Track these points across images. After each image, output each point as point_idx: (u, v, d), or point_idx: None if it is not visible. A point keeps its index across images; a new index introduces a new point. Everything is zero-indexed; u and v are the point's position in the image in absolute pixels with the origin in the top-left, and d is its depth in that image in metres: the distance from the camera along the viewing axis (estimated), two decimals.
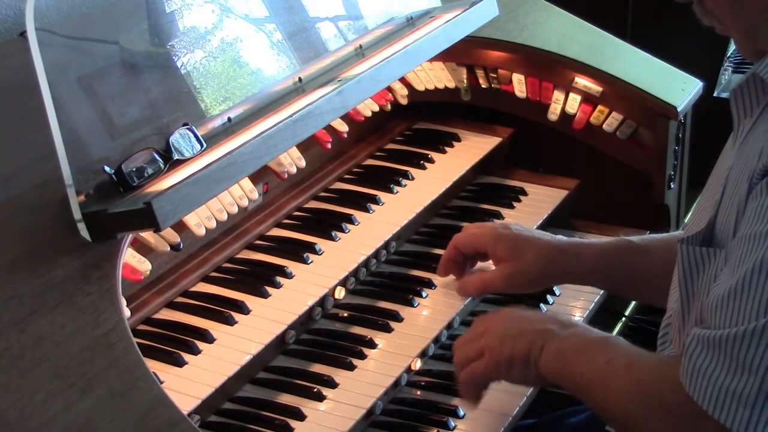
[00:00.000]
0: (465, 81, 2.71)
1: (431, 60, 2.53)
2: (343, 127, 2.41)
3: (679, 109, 2.55)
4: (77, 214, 1.60)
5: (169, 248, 1.90)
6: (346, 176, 2.48)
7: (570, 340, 1.72)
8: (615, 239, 2.07)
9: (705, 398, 1.43)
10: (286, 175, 2.22)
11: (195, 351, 1.83)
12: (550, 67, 2.63)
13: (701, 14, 1.57)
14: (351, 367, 1.93)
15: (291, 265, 2.09)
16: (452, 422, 1.88)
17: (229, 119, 1.92)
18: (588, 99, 2.62)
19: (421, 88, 2.68)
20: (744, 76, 1.58)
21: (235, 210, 2.05)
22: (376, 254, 2.21)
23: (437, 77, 2.69)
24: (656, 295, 2.02)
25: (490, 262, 2.08)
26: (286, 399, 1.87)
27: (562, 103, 2.63)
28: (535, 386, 1.81)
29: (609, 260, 2.04)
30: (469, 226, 2.15)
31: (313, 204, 2.36)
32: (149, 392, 1.49)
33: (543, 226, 2.44)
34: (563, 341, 1.72)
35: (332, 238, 2.20)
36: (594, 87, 2.60)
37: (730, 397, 1.41)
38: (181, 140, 1.77)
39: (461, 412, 1.91)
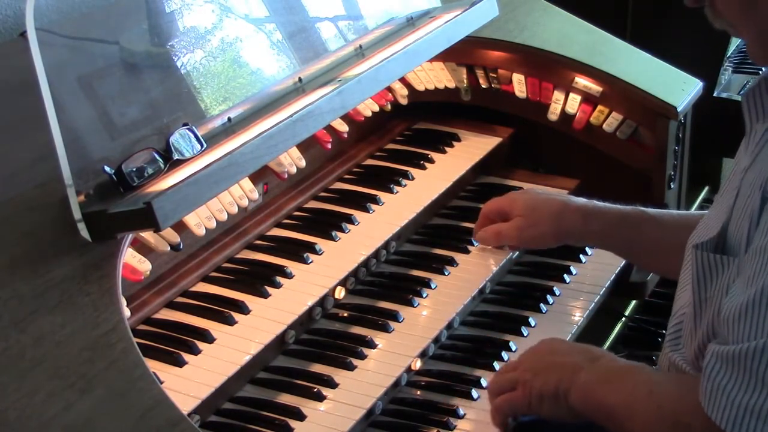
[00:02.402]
0: (465, 81, 2.71)
1: (431, 60, 2.53)
2: (343, 127, 2.41)
3: (679, 109, 2.55)
4: (77, 214, 1.60)
5: (169, 248, 1.90)
6: (346, 176, 2.48)
7: (596, 372, 1.73)
8: (630, 207, 2.14)
9: (723, 417, 1.43)
10: (286, 175, 2.22)
11: (195, 351, 1.83)
12: (550, 67, 2.63)
13: (712, 18, 1.56)
14: (351, 367, 1.93)
15: (291, 265, 2.09)
16: (452, 422, 1.88)
17: (229, 119, 1.92)
18: (588, 99, 2.62)
19: (421, 88, 2.68)
20: (756, 80, 1.57)
21: (235, 210, 2.05)
22: (376, 254, 2.21)
23: (437, 77, 2.69)
24: (663, 267, 2.11)
25: None
26: (286, 399, 1.87)
27: (562, 103, 2.63)
28: (569, 420, 1.79)
29: (619, 225, 2.11)
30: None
31: (313, 204, 2.36)
32: (149, 392, 1.49)
33: None
34: (590, 373, 1.73)
35: (332, 238, 2.20)
36: (594, 87, 2.59)
37: (749, 414, 1.40)
38: (181, 140, 1.77)
39: (461, 412, 1.91)
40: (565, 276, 2.36)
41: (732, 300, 1.47)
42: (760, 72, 1.61)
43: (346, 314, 2.10)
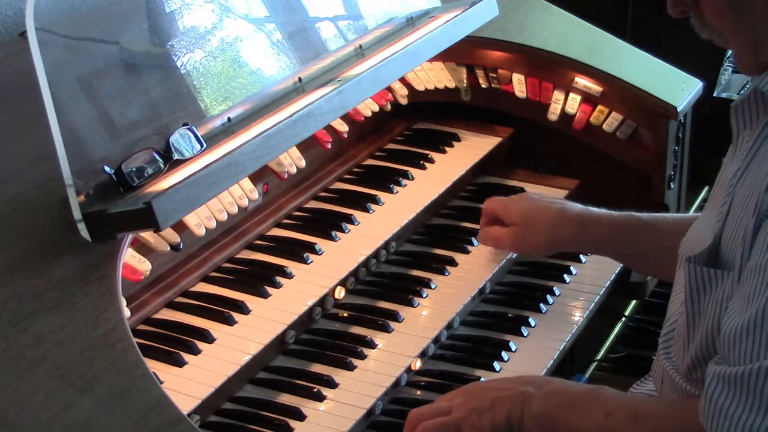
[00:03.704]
0: (465, 81, 2.71)
1: (431, 60, 2.53)
2: (343, 127, 2.41)
3: (679, 109, 2.55)
4: (77, 214, 1.60)
5: (169, 248, 1.90)
6: (346, 176, 2.48)
7: (553, 398, 1.68)
8: (625, 214, 2.13)
9: None
10: (286, 175, 2.22)
11: (195, 351, 1.83)
12: (550, 67, 2.63)
13: (700, 28, 1.56)
14: (351, 367, 1.93)
15: (291, 265, 2.09)
16: None
17: (229, 119, 1.92)
18: (588, 99, 2.62)
19: (421, 88, 2.68)
20: (745, 92, 1.57)
21: (235, 210, 2.05)
22: (376, 254, 2.21)
23: (437, 77, 2.69)
24: (659, 272, 2.09)
25: None
26: (286, 399, 1.87)
27: (562, 103, 2.63)
28: None
29: (614, 234, 2.11)
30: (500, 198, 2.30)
31: (313, 204, 2.36)
32: (149, 392, 1.49)
33: None
34: (544, 401, 1.68)
35: (332, 238, 2.20)
36: (594, 87, 2.60)
37: None
38: (181, 140, 1.77)
39: None
40: (565, 276, 2.36)
41: (731, 320, 1.46)
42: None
43: (346, 314, 2.10)
